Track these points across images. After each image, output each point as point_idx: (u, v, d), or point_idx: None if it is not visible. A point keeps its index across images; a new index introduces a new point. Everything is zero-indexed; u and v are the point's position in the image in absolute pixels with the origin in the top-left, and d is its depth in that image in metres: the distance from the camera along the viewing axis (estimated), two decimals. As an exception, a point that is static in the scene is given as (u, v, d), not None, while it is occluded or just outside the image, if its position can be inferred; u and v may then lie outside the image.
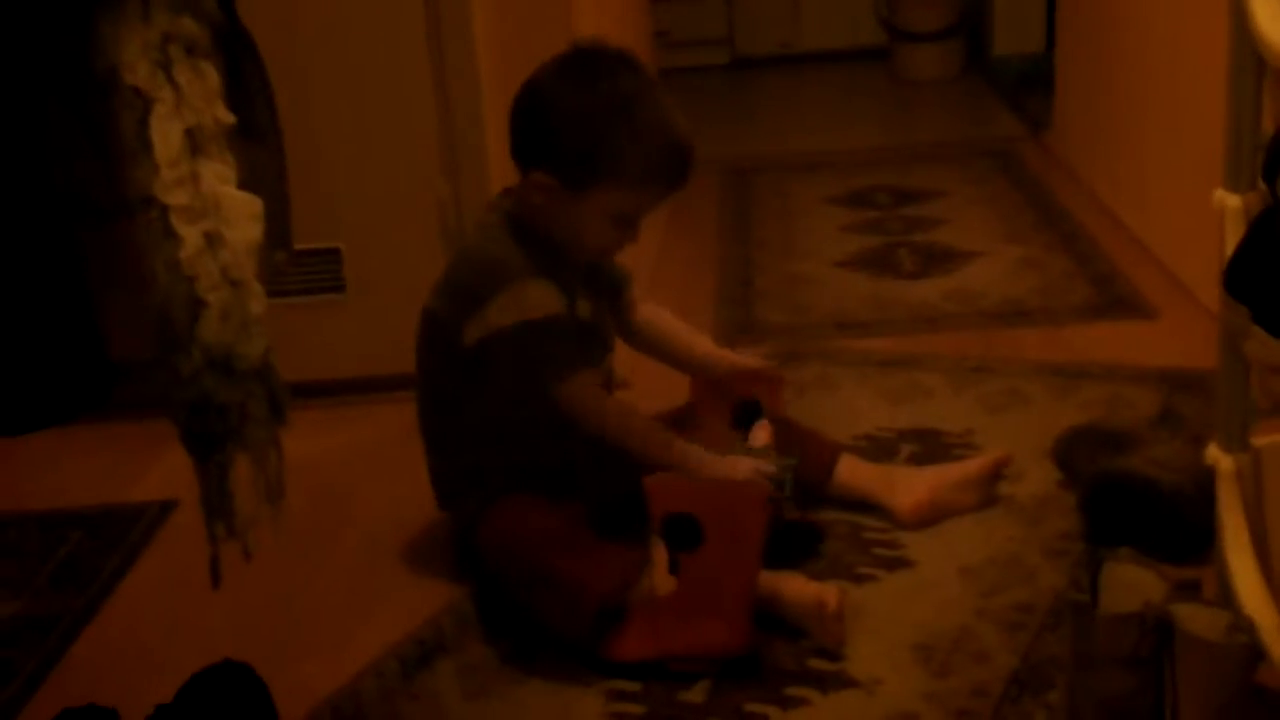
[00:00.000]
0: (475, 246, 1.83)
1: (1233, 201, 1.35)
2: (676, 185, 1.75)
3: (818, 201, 3.48)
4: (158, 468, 2.16)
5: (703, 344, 1.99)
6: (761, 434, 1.83)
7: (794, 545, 1.77)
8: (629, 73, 1.73)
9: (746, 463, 1.74)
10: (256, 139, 1.26)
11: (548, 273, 1.74)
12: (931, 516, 1.85)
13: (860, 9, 5.05)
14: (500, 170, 2.19)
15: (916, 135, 4.18)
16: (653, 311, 1.97)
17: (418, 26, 2.24)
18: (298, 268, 2.26)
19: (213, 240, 1.07)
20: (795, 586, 1.63)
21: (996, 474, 1.90)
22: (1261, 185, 1.27)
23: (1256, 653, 1.31)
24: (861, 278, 2.89)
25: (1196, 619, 1.32)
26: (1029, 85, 4.30)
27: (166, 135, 1.04)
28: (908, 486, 1.87)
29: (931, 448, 2.07)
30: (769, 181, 3.72)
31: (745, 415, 1.87)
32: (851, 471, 1.90)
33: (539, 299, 1.71)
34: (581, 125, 1.69)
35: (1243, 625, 1.32)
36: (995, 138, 3.99)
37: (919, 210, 3.33)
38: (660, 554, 1.61)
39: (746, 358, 2.01)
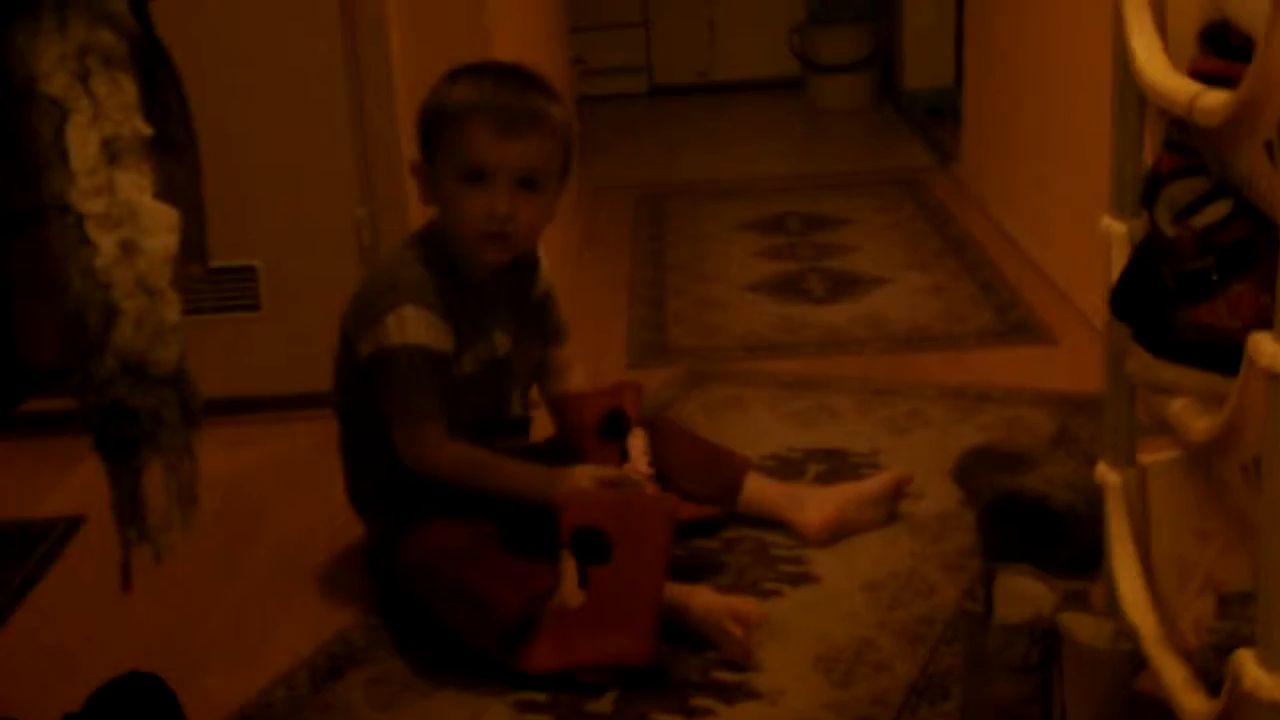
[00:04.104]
0: (384, 263, 1.86)
1: (1118, 228, 1.42)
2: (498, 116, 1.72)
3: (731, 227, 3.54)
4: (65, 484, 2.15)
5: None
6: (637, 450, 1.87)
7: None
8: (504, 70, 1.81)
9: (587, 471, 1.77)
10: (173, 152, 1.27)
11: (451, 300, 1.76)
12: (836, 533, 1.89)
13: (775, 41, 5.15)
14: (415, 191, 2.21)
15: (828, 164, 4.26)
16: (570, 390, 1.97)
17: (335, 48, 2.26)
18: (214, 285, 2.26)
19: (128, 249, 1.08)
20: (704, 599, 1.67)
21: (898, 492, 1.95)
22: (1143, 212, 1.34)
23: (1138, 660, 1.36)
24: (772, 302, 2.95)
25: (1083, 628, 1.37)
26: (938, 117, 4.41)
27: (83, 144, 1.06)
28: (814, 504, 1.91)
29: (837, 467, 2.12)
30: (683, 207, 3.78)
31: (613, 425, 1.90)
32: (758, 489, 1.94)
33: (415, 327, 1.73)
34: (432, 97, 1.78)
35: (1126, 633, 1.37)
36: (904, 168, 4.08)
37: (829, 237, 3.40)
38: (570, 568, 1.64)
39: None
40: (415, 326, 1.73)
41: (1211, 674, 1.25)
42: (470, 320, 1.79)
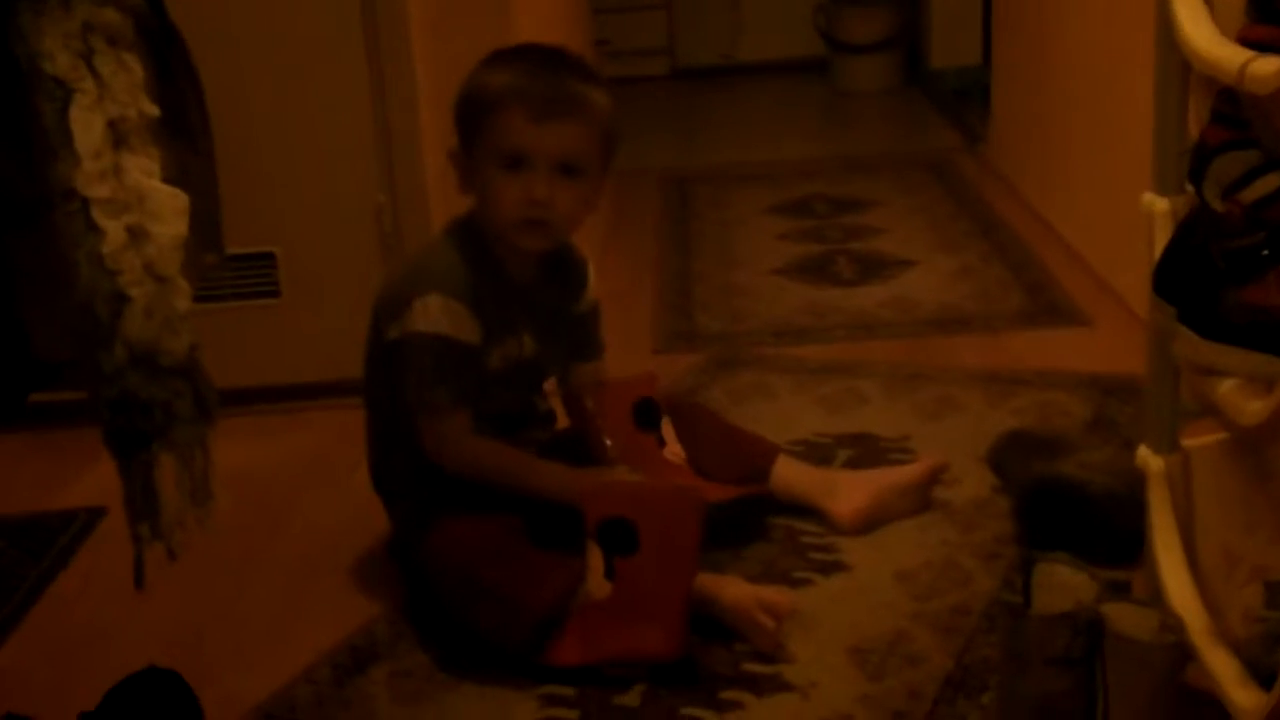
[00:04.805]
0: (421, 249, 1.83)
1: (1161, 205, 1.37)
2: (536, 101, 1.69)
3: (756, 211, 3.49)
4: (86, 475, 2.12)
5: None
6: (672, 436, 1.84)
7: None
8: (544, 54, 1.77)
9: (619, 474, 1.75)
10: (185, 137, 1.24)
11: (484, 294, 1.73)
12: (870, 522, 1.85)
13: (799, 21, 5.09)
14: (436, 177, 2.18)
15: (855, 146, 4.21)
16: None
17: (355, 30, 2.22)
18: (232, 272, 2.23)
19: (136, 235, 1.05)
20: (734, 590, 1.63)
21: (933, 479, 1.91)
22: (1188, 188, 1.29)
23: (1185, 653, 1.32)
24: (799, 286, 2.90)
25: (1127, 619, 1.33)
26: (966, 97, 4.34)
27: (88, 126, 1.02)
28: (846, 492, 1.87)
29: (868, 453, 2.07)
30: (708, 191, 3.73)
31: (647, 414, 1.87)
32: (789, 474, 1.90)
33: (440, 316, 1.69)
34: (470, 83, 1.74)
35: (1172, 625, 1.33)
36: (932, 148, 4.03)
37: (857, 219, 3.35)
38: (596, 559, 1.60)
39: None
40: (440, 315, 1.69)
41: (1261, 666, 1.21)
42: (501, 317, 1.75)
